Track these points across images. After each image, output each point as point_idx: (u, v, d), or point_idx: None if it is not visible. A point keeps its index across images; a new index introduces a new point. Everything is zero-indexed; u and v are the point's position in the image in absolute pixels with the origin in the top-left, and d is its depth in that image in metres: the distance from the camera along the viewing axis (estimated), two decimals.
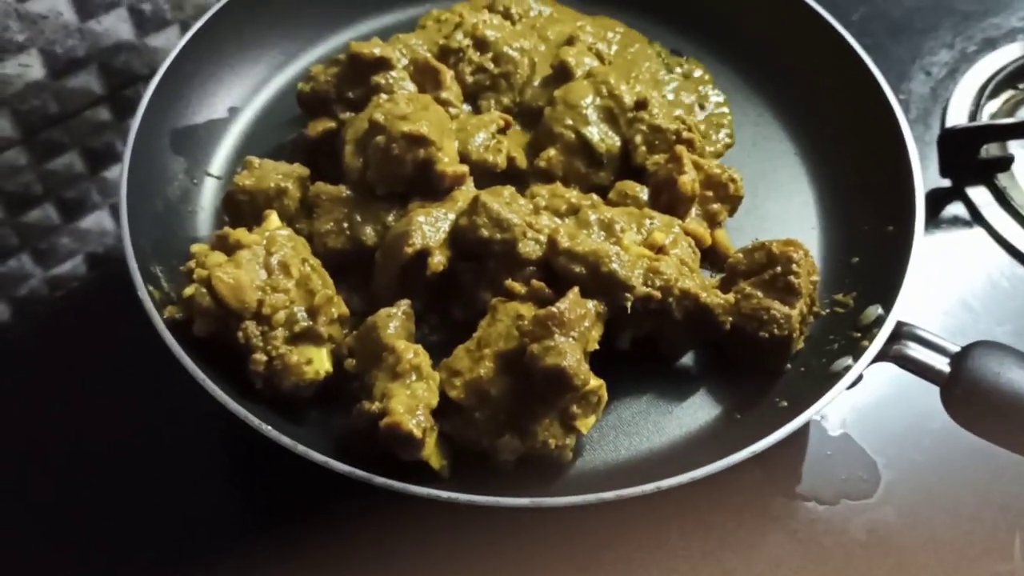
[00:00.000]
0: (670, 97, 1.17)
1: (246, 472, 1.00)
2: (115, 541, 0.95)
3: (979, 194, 1.20)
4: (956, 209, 1.20)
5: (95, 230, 1.31)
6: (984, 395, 0.82)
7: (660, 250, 0.92)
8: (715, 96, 1.18)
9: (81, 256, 1.32)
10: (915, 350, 0.87)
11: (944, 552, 0.93)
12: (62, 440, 1.01)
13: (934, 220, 1.19)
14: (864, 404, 1.01)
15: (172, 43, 1.17)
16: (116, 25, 1.17)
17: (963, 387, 0.84)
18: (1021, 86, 1.31)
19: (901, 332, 0.88)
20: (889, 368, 0.89)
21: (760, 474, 0.98)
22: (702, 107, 1.17)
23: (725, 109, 1.18)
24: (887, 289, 0.91)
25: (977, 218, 1.18)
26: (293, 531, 0.93)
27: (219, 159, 1.11)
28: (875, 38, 1.35)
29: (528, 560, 0.90)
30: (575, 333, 0.83)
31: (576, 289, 0.85)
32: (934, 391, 0.87)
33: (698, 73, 1.20)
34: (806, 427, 1.00)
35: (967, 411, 0.85)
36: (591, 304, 0.86)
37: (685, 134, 1.03)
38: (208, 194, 1.08)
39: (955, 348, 0.86)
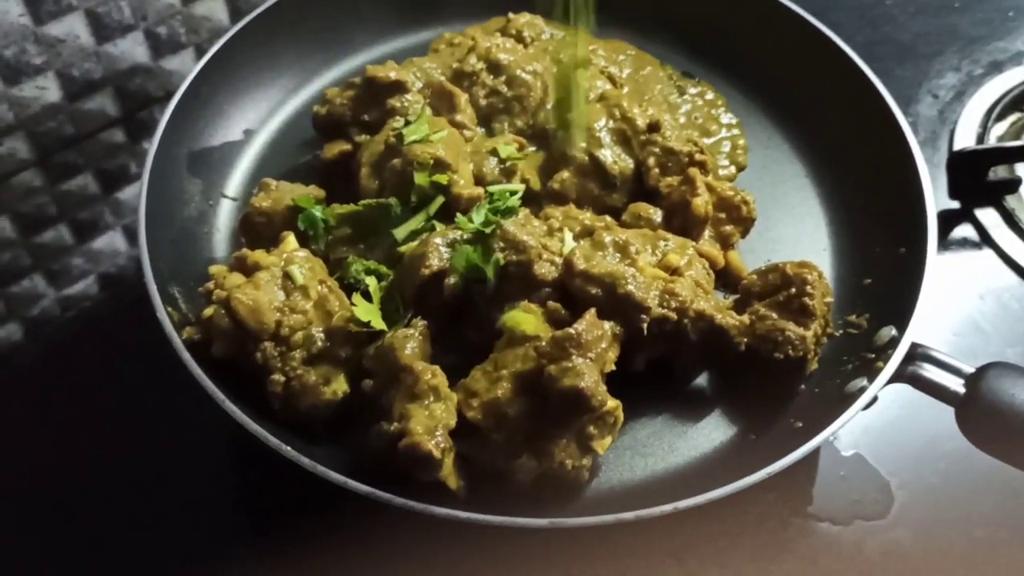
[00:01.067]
0: (683, 120, 1.18)
1: (262, 492, 1.00)
2: (129, 560, 0.95)
3: (988, 216, 1.20)
4: (965, 231, 1.20)
5: (108, 251, 1.32)
6: (999, 415, 0.83)
7: (675, 272, 0.93)
8: (727, 118, 1.19)
9: (94, 276, 1.32)
10: (930, 371, 0.88)
11: (958, 573, 0.93)
12: (73, 459, 1.02)
13: (943, 242, 1.19)
14: (877, 425, 1.01)
15: (187, 66, 1.18)
16: (132, 48, 1.18)
17: (978, 407, 0.84)
18: None
19: (915, 353, 0.89)
20: (901, 389, 0.90)
21: (772, 494, 0.98)
22: (715, 129, 1.18)
23: (737, 131, 1.18)
24: (901, 311, 0.92)
25: (986, 240, 1.19)
26: (309, 551, 0.93)
27: (235, 181, 1.12)
28: (882, 62, 1.36)
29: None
30: (592, 354, 0.83)
31: (593, 311, 0.86)
32: (948, 412, 0.87)
33: (710, 96, 1.21)
34: (818, 452, 1.01)
35: (982, 431, 0.85)
36: (607, 325, 0.86)
37: (698, 156, 1.04)
38: (224, 216, 1.09)
39: (969, 369, 0.87)
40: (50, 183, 1.21)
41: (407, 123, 0.98)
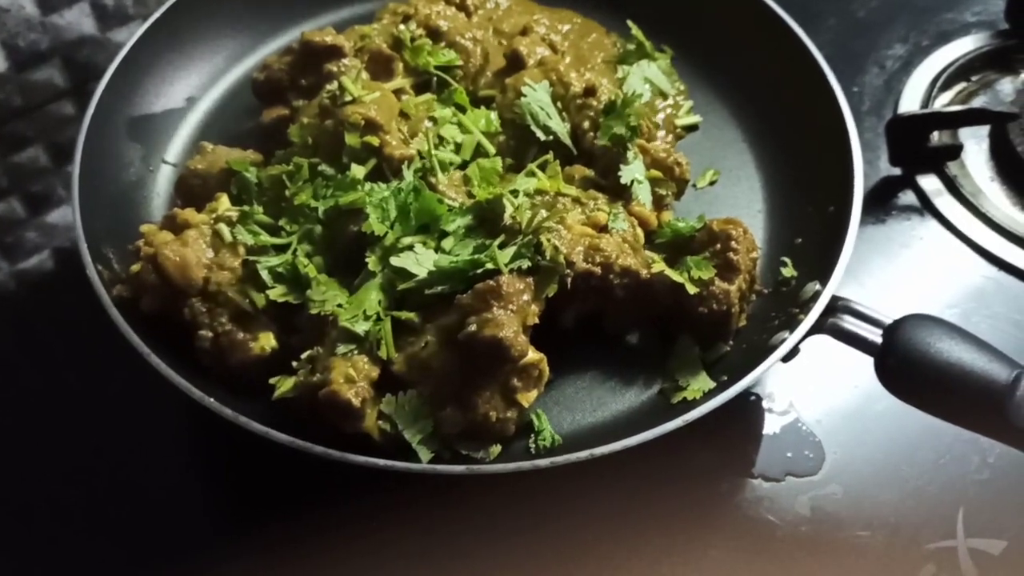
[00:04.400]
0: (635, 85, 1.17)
1: (208, 459, 1.01)
2: (80, 528, 0.96)
3: (929, 182, 1.21)
4: (907, 198, 1.21)
5: (61, 224, 1.32)
6: (915, 365, 0.84)
7: (603, 229, 0.94)
8: (676, 85, 1.19)
9: (48, 251, 1.32)
10: (849, 322, 0.89)
11: (888, 528, 0.94)
12: (26, 433, 1.02)
13: (885, 208, 1.20)
14: (810, 384, 1.02)
15: None
16: (79, 19, 1.19)
17: (895, 357, 0.85)
18: (973, 78, 1.33)
19: (836, 306, 0.90)
20: (834, 347, 0.91)
21: (712, 457, 0.98)
22: (663, 95, 1.18)
23: (682, 98, 1.19)
24: (826, 266, 0.93)
25: (928, 206, 1.19)
26: (240, 511, 0.95)
27: (175, 147, 1.13)
28: (831, 33, 1.37)
29: (473, 530, 0.90)
30: (513, 306, 0.84)
31: None
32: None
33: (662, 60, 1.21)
34: (759, 411, 1.02)
35: (899, 381, 0.86)
36: (530, 279, 0.87)
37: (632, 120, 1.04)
38: (163, 181, 1.09)
39: (888, 320, 0.88)
40: (0, 155, 1.22)
41: (341, 86, 0.98)
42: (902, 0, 1.44)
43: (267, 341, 0.89)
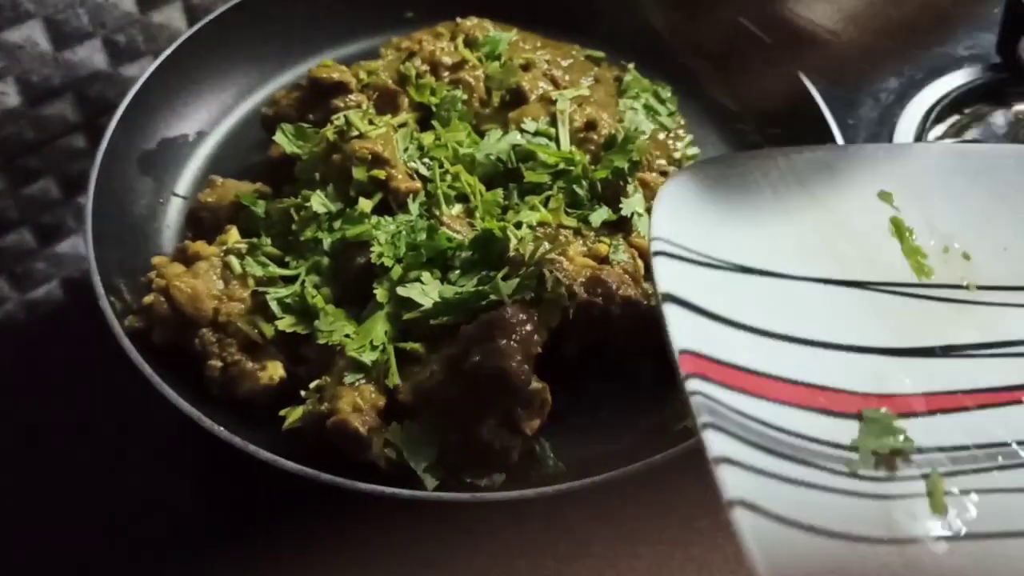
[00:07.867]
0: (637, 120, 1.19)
1: (218, 483, 1.02)
2: (86, 553, 0.97)
3: None
4: None
5: (71, 255, 1.34)
6: None
7: (604, 260, 0.96)
8: (676, 119, 1.21)
9: (57, 281, 1.35)
10: None
11: None
12: (33, 463, 1.04)
13: None
14: None
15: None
16: (91, 55, 1.22)
17: None
18: (966, 111, 1.35)
19: None
20: None
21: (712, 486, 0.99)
22: (664, 128, 1.20)
23: (682, 131, 1.21)
24: None
25: None
26: (253, 539, 0.95)
27: (185, 180, 1.15)
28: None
29: (476, 555, 0.92)
30: (517, 337, 0.86)
31: None
32: None
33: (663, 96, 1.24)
34: None
35: None
36: (533, 310, 0.89)
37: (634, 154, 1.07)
38: (174, 213, 1.12)
39: None
40: (12, 187, 1.24)
41: (347, 121, 1.01)
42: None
43: (275, 371, 0.91)
